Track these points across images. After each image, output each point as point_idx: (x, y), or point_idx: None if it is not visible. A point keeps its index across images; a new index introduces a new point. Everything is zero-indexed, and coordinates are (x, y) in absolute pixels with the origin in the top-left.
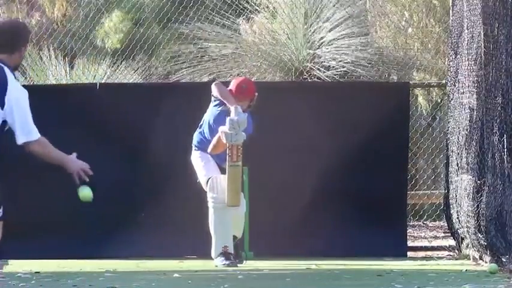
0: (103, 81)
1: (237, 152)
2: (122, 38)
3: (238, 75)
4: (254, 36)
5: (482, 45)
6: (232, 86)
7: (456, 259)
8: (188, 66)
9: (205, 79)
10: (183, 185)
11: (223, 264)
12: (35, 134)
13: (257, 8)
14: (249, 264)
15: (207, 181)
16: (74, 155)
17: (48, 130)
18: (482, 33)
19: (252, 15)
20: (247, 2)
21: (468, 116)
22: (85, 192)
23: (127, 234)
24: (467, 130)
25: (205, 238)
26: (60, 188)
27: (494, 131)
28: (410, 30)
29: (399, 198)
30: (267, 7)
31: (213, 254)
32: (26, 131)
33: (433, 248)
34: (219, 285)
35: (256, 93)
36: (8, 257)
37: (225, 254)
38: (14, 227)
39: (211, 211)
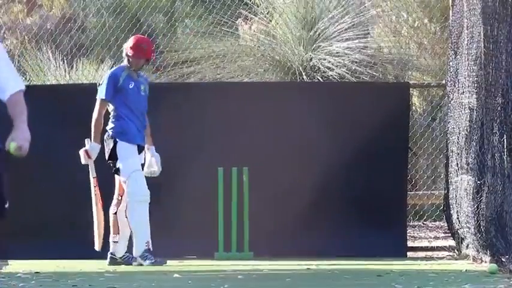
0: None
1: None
2: None
3: (238, 75)
4: (253, 36)
5: (482, 45)
6: (131, 42)
7: (456, 259)
8: (188, 66)
9: (205, 79)
10: (183, 184)
11: (152, 262)
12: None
13: (256, 10)
14: (249, 264)
15: (130, 175)
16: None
17: (47, 130)
18: (482, 34)
19: (251, 16)
20: (246, 4)
21: (468, 116)
22: (11, 146)
23: None
24: (467, 130)
25: (206, 238)
26: (60, 188)
27: (494, 131)
28: (407, 30)
29: (399, 199)
30: (266, 7)
31: (136, 252)
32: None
33: (433, 248)
34: (219, 285)
35: (154, 55)
36: (8, 257)
37: (149, 251)
38: (14, 227)
39: (132, 206)
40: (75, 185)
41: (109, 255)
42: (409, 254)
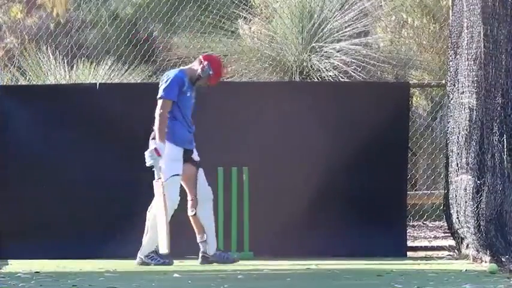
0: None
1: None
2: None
3: (238, 75)
4: (253, 37)
5: (482, 45)
6: (219, 67)
7: (456, 259)
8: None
9: None
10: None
11: (160, 263)
12: None
13: (255, 11)
14: (249, 264)
15: (169, 178)
16: None
17: (47, 130)
18: (482, 33)
19: (251, 16)
20: (246, 4)
21: (468, 116)
22: None
23: (127, 234)
24: (467, 130)
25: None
26: (60, 189)
27: (494, 131)
28: (406, 30)
29: (399, 198)
30: (267, 8)
31: (142, 252)
32: None
33: (433, 248)
34: (219, 285)
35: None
36: (8, 257)
37: (155, 253)
38: (14, 227)
39: (166, 210)
40: (75, 185)
41: (201, 255)
42: (409, 253)
